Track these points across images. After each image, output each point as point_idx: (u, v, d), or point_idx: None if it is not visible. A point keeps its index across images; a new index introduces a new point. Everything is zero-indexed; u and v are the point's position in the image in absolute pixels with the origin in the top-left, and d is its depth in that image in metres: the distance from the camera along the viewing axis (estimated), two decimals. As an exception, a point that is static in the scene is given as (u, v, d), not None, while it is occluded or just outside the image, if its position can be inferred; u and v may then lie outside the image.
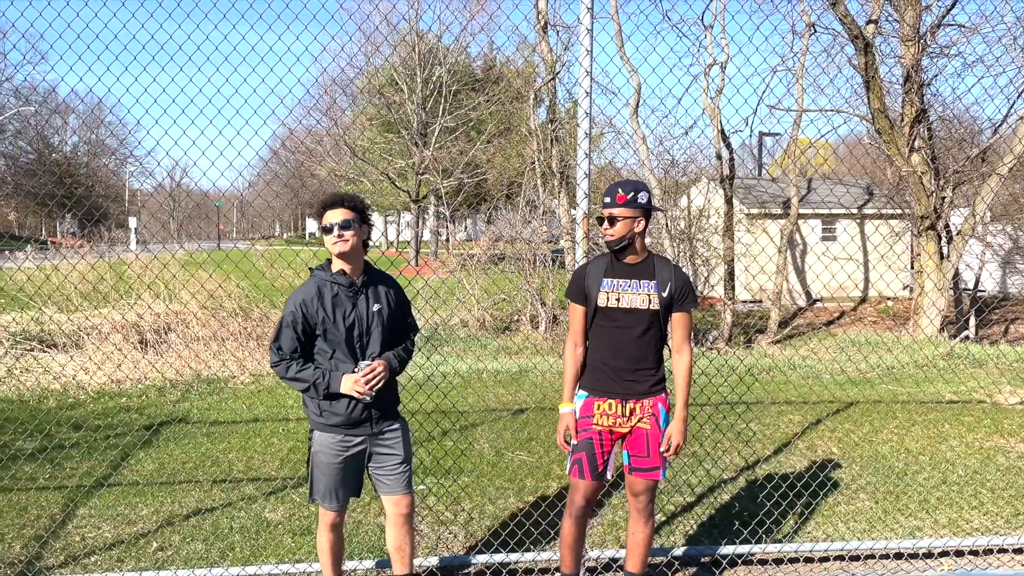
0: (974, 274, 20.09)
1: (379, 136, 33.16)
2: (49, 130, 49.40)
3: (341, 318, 3.34)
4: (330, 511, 3.51)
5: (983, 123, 15.12)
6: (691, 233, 18.34)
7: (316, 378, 3.32)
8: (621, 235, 3.41)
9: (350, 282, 3.38)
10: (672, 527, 4.80)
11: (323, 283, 3.38)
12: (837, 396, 8.49)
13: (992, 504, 5.24)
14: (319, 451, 3.43)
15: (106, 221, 30.80)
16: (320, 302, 3.33)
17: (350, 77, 30.74)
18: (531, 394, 8.22)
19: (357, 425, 3.41)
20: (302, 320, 3.32)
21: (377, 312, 3.40)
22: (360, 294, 3.39)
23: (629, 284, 3.45)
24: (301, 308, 3.32)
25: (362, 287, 3.40)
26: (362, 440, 3.44)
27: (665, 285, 3.45)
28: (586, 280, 3.51)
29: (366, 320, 3.39)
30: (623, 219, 3.40)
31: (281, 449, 6.38)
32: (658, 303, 3.43)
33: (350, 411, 3.37)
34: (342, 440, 3.41)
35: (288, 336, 3.35)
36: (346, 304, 3.36)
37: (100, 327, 10.43)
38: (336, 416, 3.38)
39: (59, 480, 5.58)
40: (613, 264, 3.49)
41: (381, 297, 3.44)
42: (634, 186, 3.43)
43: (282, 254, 9.68)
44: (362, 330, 3.38)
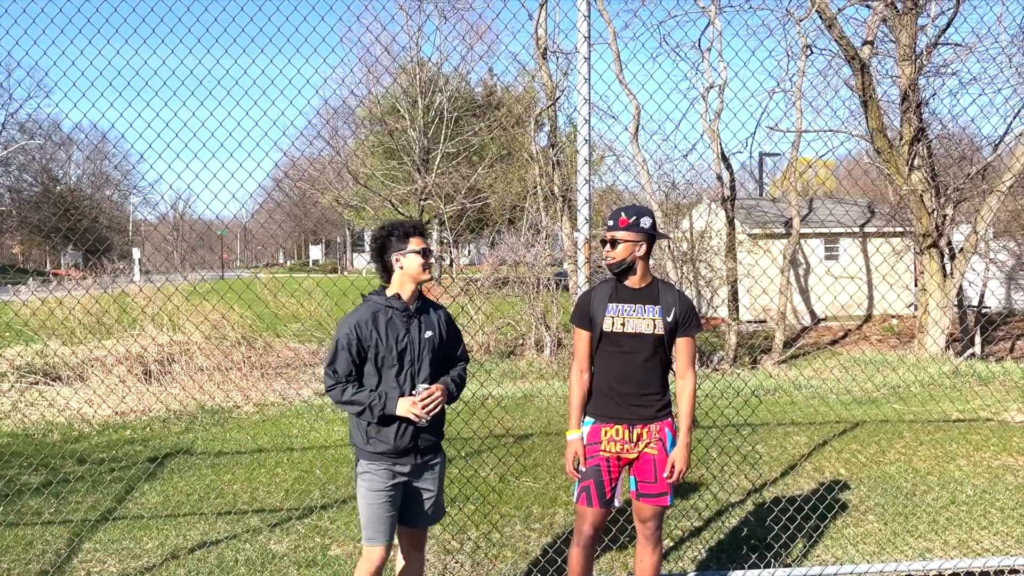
0: (978, 291, 20.06)
1: (381, 163, 33.37)
2: (53, 163, 49.82)
3: (394, 342, 3.31)
4: (379, 547, 3.35)
5: (982, 141, 15.19)
6: (693, 255, 18.36)
7: (372, 400, 3.27)
8: (622, 258, 3.44)
9: (404, 307, 3.36)
10: (680, 552, 4.77)
11: (378, 307, 3.36)
12: (843, 416, 8.45)
13: (1002, 524, 5.20)
14: (366, 481, 3.35)
15: (110, 253, 30.96)
16: (375, 325, 3.31)
17: (352, 107, 31.02)
18: (536, 419, 8.20)
19: (403, 455, 3.35)
20: (356, 343, 3.29)
21: (429, 339, 3.38)
22: (414, 320, 3.38)
23: (634, 309, 3.46)
24: (356, 330, 3.29)
25: (416, 313, 3.40)
26: (407, 471, 3.38)
27: (670, 310, 3.46)
28: (591, 305, 3.52)
29: (418, 346, 3.36)
30: (624, 242, 3.42)
31: (286, 479, 6.36)
32: (663, 328, 3.44)
33: (398, 439, 3.31)
34: (388, 469, 3.34)
35: (344, 359, 3.31)
36: (400, 329, 3.34)
37: (104, 359, 10.45)
38: (383, 444, 3.32)
39: (64, 514, 5.56)
40: (618, 289, 3.50)
41: (433, 324, 3.43)
42: (637, 211, 3.46)
43: (285, 284, 9.72)
44: (414, 356, 3.34)
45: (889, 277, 22.03)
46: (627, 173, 17.77)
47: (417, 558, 3.54)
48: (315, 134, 23.84)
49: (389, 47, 26.45)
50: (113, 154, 46.07)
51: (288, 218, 51.80)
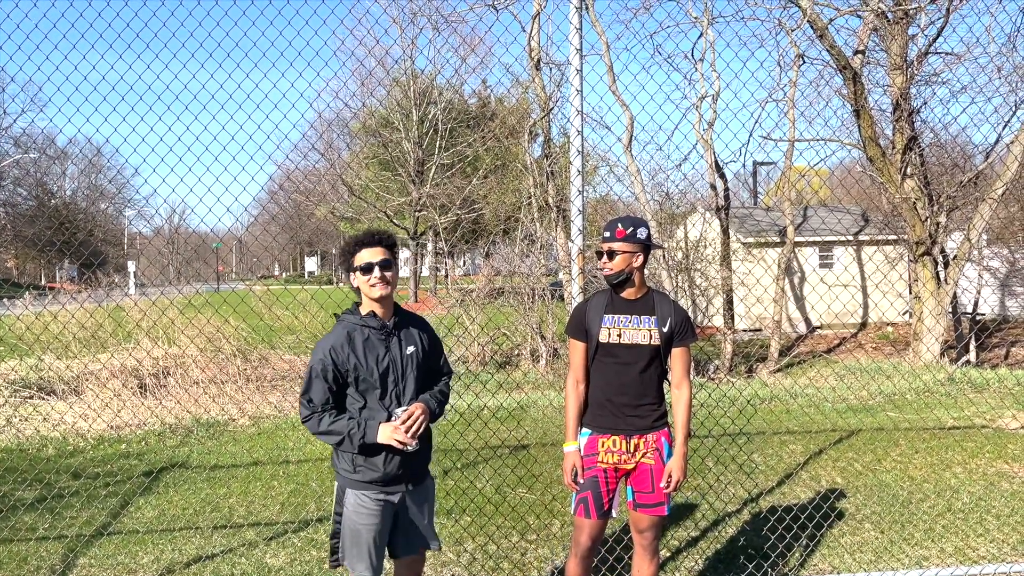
0: (971, 298, 20.13)
1: (376, 175, 33.43)
2: (48, 177, 49.79)
3: (375, 363, 3.09)
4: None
5: (973, 149, 15.27)
6: (688, 264, 18.41)
7: (350, 428, 3.04)
8: (619, 269, 3.44)
9: (382, 324, 3.14)
10: (677, 562, 4.77)
11: (352, 327, 3.14)
12: (839, 425, 8.46)
13: (998, 531, 5.21)
14: (352, 512, 3.14)
15: (105, 266, 30.90)
16: (351, 347, 3.08)
17: (346, 118, 31.10)
18: (532, 430, 8.19)
19: (394, 482, 3.16)
20: (332, 368, 3.07)
21: (411, 355, 3.18)
22: (393, 336, 3.16)
23: (630, 320, 3.47)
24: (331, 355, 3.07)
25: (394, 329, 3.18)
26: (398, 498, 3.20)
27: (665, 320, 3.47)
28: (587, 316, 3.52)
29: (400, 364, 3.14)
30: (621, 253, 3.42)
31: (282, 493, 6.34)
32: (659, 338, 3.45)
33: (387, 465, 3.11)
34: (379, 499, 3.14)
35: (319, 388, 3.08)
36: (379, 348, 3.12)
37: (99, 373, 10.42)
38: (373, 472, 3.11)
39: (59, 530, 5.54)
40: (613, 300, 3.51)
41: (415, 339, 3.23)
42: (633, 222, 3.46)
43: (280, 297, 9.72)
44: (397, 375, 3.13)
45: (883, 285, 22.10)
46: (621, 183, 17.81)
47: None
48: (310, 147, 23.87)
49: (383, 60, 26.55)
50: (107, 168, 46.08)
51: (283, 230, 51.75)
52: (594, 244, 14.48)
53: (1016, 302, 22.26)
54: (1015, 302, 22.26)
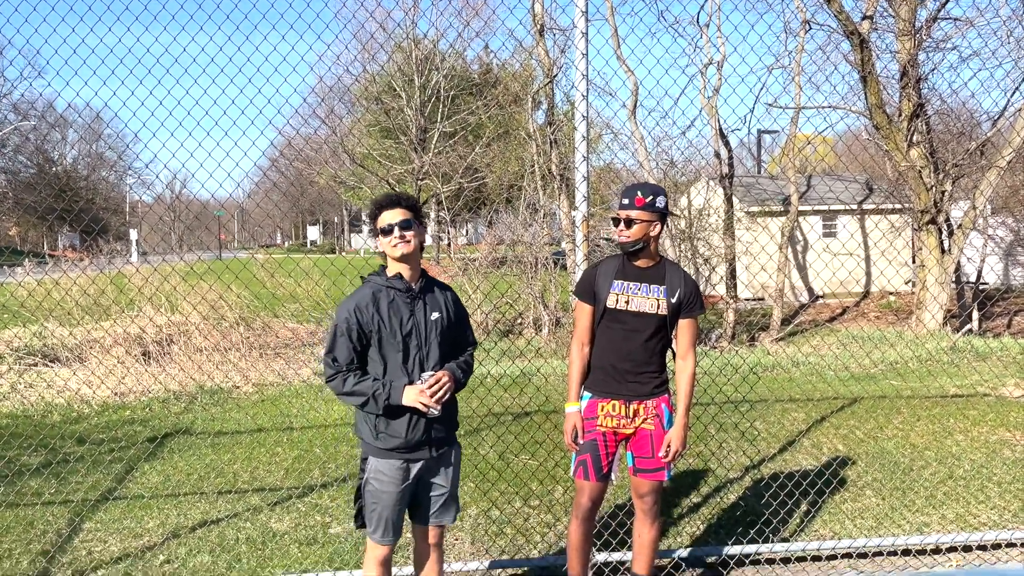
0: (976, 267, 20.07)
1: (378, 142, 33.20)
2: (48, 144, 49.54)
3: (398, 325, 3.07)
4: (384, 545, 3.20)
5: (981, 116, 15.11)
6: (691, 233, 18.32)
7: (376, 389, 3.02)
8: (637, 238, 3.39)
9: (407, 287, 3.12)
10: (678, 528, 4.80)
11: (378, 288, 3.11)
12: (841, 393, 8.47)
13: (999, 498, 5.23)
14: (375, 479, 3.14)
15: (106, 234, 30.85)
16: (376, 307, 3.06)
17: (347, 84, 30.80)
18: (535, 398, 8.21)
19: (416, 449, 3.13)
20: (357, 327, 3.04)
21: (436, 321, 3.14)
22: (418, 300, 3.14)
23: (639, 288, 3.44)
24: (356, 314, 3.04)
25: (420, 293, 3.16)
26: (421, 465, 3.18)
27: (675, 291, 3.44)
28: (596, 280, 3.49)
29: (424, 328, 3.12)
30: (640, 222, 3.37)
31: (286, 459, 6.38)
32: (666, 308, 3.43)
33: (410, 431, 3.09)
34: (401, 467, 3.13)
35: (344, 346, 3.06)
36: (404, 311, 3.09)
37: (102, 340, 10.44)
38: (394, 439, 3.09)
39: (65, 494, 5.58)
40: (624, 266, 3.47)
41: (440, 305, 3.19)
42: (653, 189, 3.41)
43: (282, 264, 9.69)
44: (421, 340, 3.10)
45: (887, 254, 22.02)
46: (625, 151, 17.68)
47: (436, 555, 3.36)
48: (310, 112, 23.70)
49: (384, 23, 26.22)
50: (108, 134, 45.79)
51: (284, 198, 51.59)
52: (597, 212, 14.45)
53: (1020, 271, 22.20)
54: (1019, 271, 22.20)
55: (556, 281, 14.91)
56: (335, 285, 6.68)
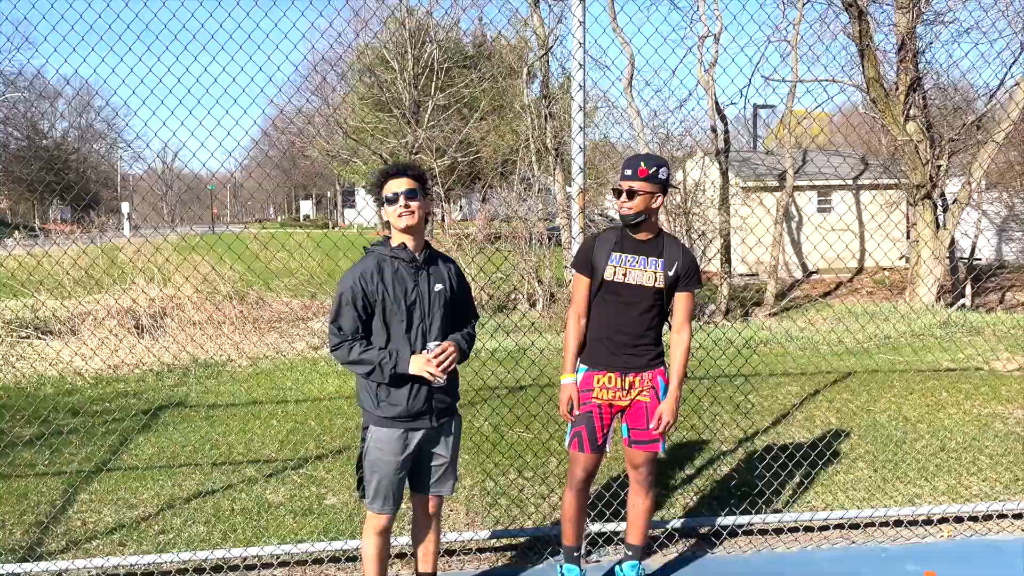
0: (971, 242, 20.11)
1: (371, 115, 32.91)
2: (38, 115, 48.99)
3: (402, 295, 3.07)
4: (383, 515, 3.21)
5: (978, 90, 15.05)
6: (687, 207, 18.28)
7: (382, 358, 3.02)
8: (639, 210, 3.34)
9: (411, 257, 3.11)
10: (672, 499, 4.82)
11: (382, 258, 3.11)
12: (835, 367, 8.50)
13: (991, 470, 5.26)
14: (375, 448, 3.14)
15: (97, 206, 30.62)
16: (380, 277, 3.06)
17: (339, 54, 30.47)
18: (529, 371, 8.21)
19: (417, 418, 3.13)
20: (362, 296, 3.04)
21: (439, 292, 3.14)
22: (422, 271, 3.13)
23: (637, 260, 3.41)
24: (360, 283, 3.04)
25: (424, 264, 3.15)
26: (422, 435, 3.18)
27: (673, 264, 3.41)
28: (594, 252, 3.45)
29: (428, 299, 3.11)
30: (642, 194, 3.33)
31: (280, 431, 6.38)
32: (664, 281, 3.40)
33: (411, 400, 3.10)
34: (401, 436, 3.13)
35: (349, 315, 3.05)
36: (408, 281, 3.09)
37: (95, 313, 10.39)
38: (395, 407, 3.10)
39: (58, 466, 5.57)
40: (623, 238, 3.44)
41: (444, 277, 3.18)
42: (656, 160, 3.36)
43: (275, 236, 9.64)
44: (424, 310, 3.10)
45: (881, 230, 22.04)
46: (619, 125, 17.57)
47: (434, 525, 3.39)
48: (302, 82, 23.44)
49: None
50: (98, 105, 45.28)
51: (277, 171, 51.22)
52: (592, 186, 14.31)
53: (1012, 247, 22.26)
54: (1011, 247, 22.26)
55: (550, 256, 14.88)
56: (329, 258, 6.64)
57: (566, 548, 3.68)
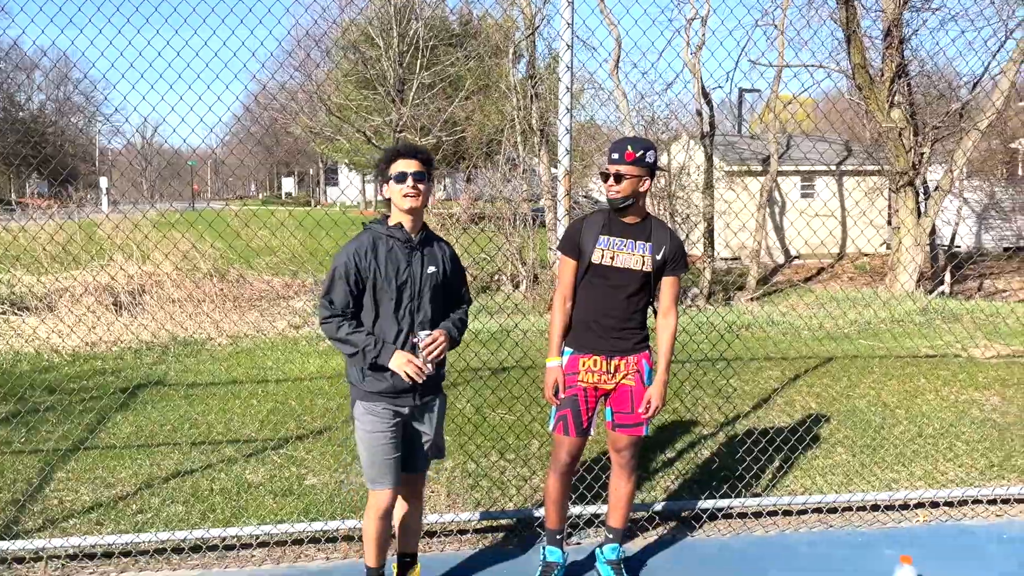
0: (951, 230, 20.29)
1: (355, 93, 32.58)
2: (13, 87, 48.05)
3: (394, 274, 3.09)
4: (386, 490, 3.17)
5: (963, 78, 15.11)
6: (671, 191, 18.28)
7: (367, 344, 3.04)
8: (626, 194, 3.33)
9: (407, 237, 3.13)
10: (653, 482, 4.84)
11: (378, 236, 3.13)
12: (815, 352, 8.56)
13: (967, 456, 5.33)
14: (365, 421, 3.15)
15: (75, 181, 30.15)
16: (374, 254, 3.08)
17: (324, 30, 30.07)
18: (512, 353, 8.20)
19: (402, 394, 3.15)
20: (355, 271, 3.06)
21: (431, 275, 3.16)
22: (416, 252, 3.15)
23: (624, 244, 3.40)
24: (354, 259, 3.06)
25: (419, 245, 3.17)
26: (406, 412, 3.20)
27: (660, 248, 3.40)
28: (582, 235, 3.43)
29: (419, 281, 3.14)
30: (630, 177, 3.31)
31: (261, 411, 6.34)
32: (651, 265, 3.39)
33: (395, 376, 3.09)
34: (386, 408, 3.15)
35: (341, 289, 3.07)
36: (401, 260, 3.11)
37: (72, 289, 10.26)
38: (381, 382, 3.12)
39: (34, 444, 5.50)
40: (611, 221, 3.42)
41: (437, 259, 3.21)
42: (643, 144, 3.34)
43: (257, 213, 9.52)
44: (414, 291, 3.13)
45: (863, 216, 22.17)
46: (606, 107, 17.50)
47: (416, 504, 3.41)
48: (285, 58, 23.13)
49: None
50: (75, 77, 44.43)
51: (259, 148, 50.65)
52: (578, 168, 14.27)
53: (992, 235, 22.49)
54: (991, 235, 22.49)
55: (534, 237, 14.85)
56: (311, 236, 6.57)
57: (549, 531, 3.69)
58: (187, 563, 3.89)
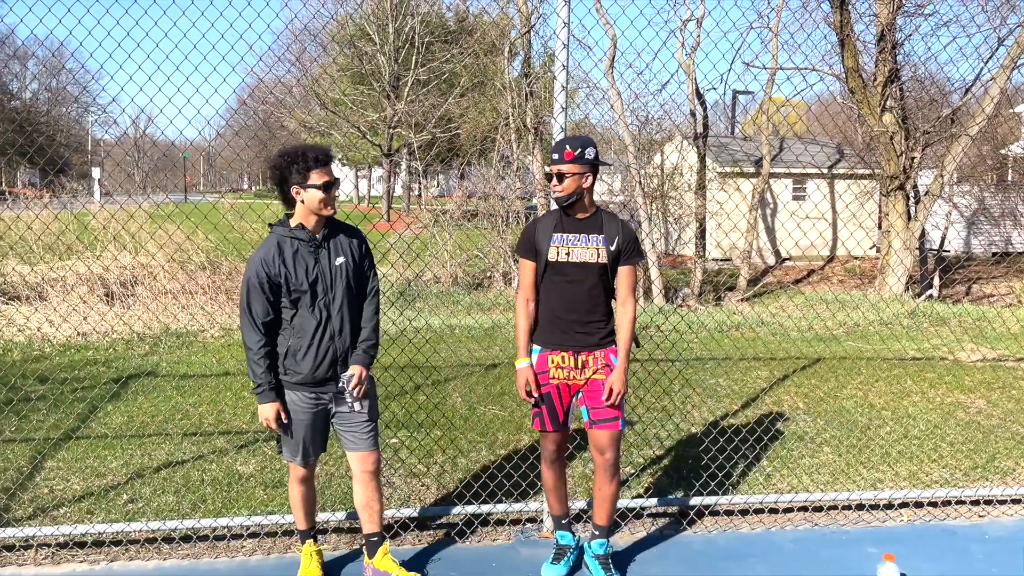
0: (940, 234, 20.43)
1: (350, 88, 32.52)
2: (8, 76, 47.77)
3: (304, 274, 3.25)
4: (300, 468, 3.49)
5: (954, 83, 15.22)
6: (664, 191, 18.35)
7: (259, 382, 3.27)
8: (569, 191, 3.44)
9: (311, 237, 3.29)
10: (641, 479, 4.88)
11: (282, 239, 3.29)
12: (804, 352, 8.63)
13: (951, 458, 5.39)
14: (288, 406, 3.38)
15: (68, 172, 30.00)
16: (281, 258, 3.24)
17: (321, 24, 30.00)
18: (504, 349, 8.25)
19: (322, 384, 3.36)
20: (267, 279, 3.22)
21: (340, 266, 3.32)
22: (322, 248, 3.31)
23: (578, 239, 3.49)
24: (263, 267, 3.22)
25: (323, 241, 3.32)
26: (329, 398, 3.40)
27: (613, 239, 3.49)
28: (536, 236, 3.54)
29: (329, 275, 3.30)
30: (571, 175, 3.42)
31: (252, 403, 6.35)
32: (606, 256, 3.48)
33: (314, 370, 3.31)
34: (309, 396, 3.36)
35: (259, 300, 3.24)
36: (308, 260, 3.27)
37: (65, 279, 10.24)
38: (299, 374, 3.32)
39: (26, 432, 5.51)
40: (562, 219, 3.52)
41: (345, 250, 3.36)
42: (582, 142, 3.45)
43: (252, 206, 9.54)
44: (327, 284, 3.29)
45: (853, 219, 22.29)
46: (599, 107, 17.54)
47: (373, 484, 3.53)
48: (282, 52, 23.08)
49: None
50: (71, 67, 44.20)
51: (254, 140, 50.46)
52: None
53: (980, 240, 22.65)
54: (979, 240, 22.65)
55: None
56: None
57: (555, 517, 3.79)
58: (177, 552, 3.92)
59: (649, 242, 14.45)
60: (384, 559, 3.56)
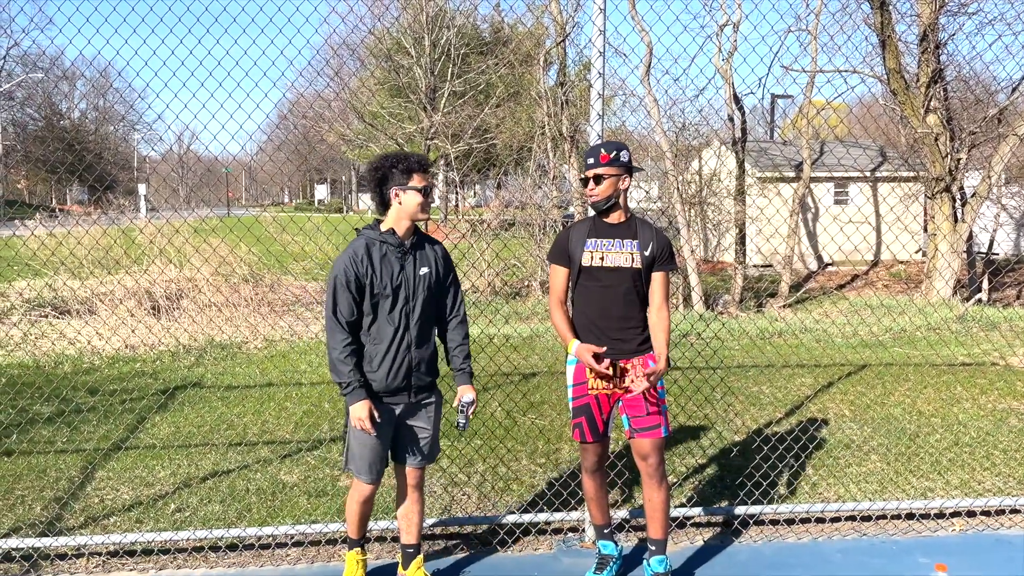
0: (989, 236, 19.91)
1: (387, 101, 32.89)
2: (57, 96, 49.26)
3: (389, 279, 3.24)
4: (366, 484, 3.42)
5: (1001, 82, 14.85)
6: (703, 197, 18.20)
7: (348, 381, 3.21)
8: (607, 195, 3.44)
9: (399, 242, 3.28)
10: (683, 488, 4.83)
11: (372, 241, 3.28)
12: (849, 359, 8.47)
13: (1004, 465, 5.24)
14: None
15: (115, 189, 30.77)
16: (369, 260, 3.23)
17: (359, 39, 30.43)
18: (542, 358, 8.24)
19: (395, 393, 3.33)
20: (354, 278, 3.21)
21: (424, 276, 3.32)
22: (409, 256, 3.30)
23: (612, 243, 3.48)
24: (352, 266, 3.21)
25: (411, 249, 3.31)
26: (401, 410, 3.37)
27: (648, 244, 3.48)
28: (569, 243, 3.53)
29: (413, 283, 3.29)
30: (608, 178, 3.43)
31: (295, 413, 6.44)
32: (641, 261, 3.47)
33: (390, 379, 3.28)
34: (379, 407, 3.31)
35: (345, 299, 3.22)
36: (395, 265, 3.26)
37: (113, 293, 10.50)
38: (375, 383, 3.29)
39: (77, 443, 5.65)
40: (596, 225, 3.52)
41: (429, 260, 3.36)
42: (616, 145, 3.47)
43: (294, 219, 9.69)
44: (409, 293, 3.28)
45: (898, 223, 21.84)
46: (635, 115, 17.49)
47: (415, 496, 3.54)
48: (321, 67, 23.43)
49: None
50: (117, 86, 45.43)
51: (294, 155, 51.28)
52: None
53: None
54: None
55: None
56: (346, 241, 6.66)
57: (597, 527, 3.78)
58: (224, 561, 3.97)
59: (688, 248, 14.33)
60: (418, 572, 3.55)
